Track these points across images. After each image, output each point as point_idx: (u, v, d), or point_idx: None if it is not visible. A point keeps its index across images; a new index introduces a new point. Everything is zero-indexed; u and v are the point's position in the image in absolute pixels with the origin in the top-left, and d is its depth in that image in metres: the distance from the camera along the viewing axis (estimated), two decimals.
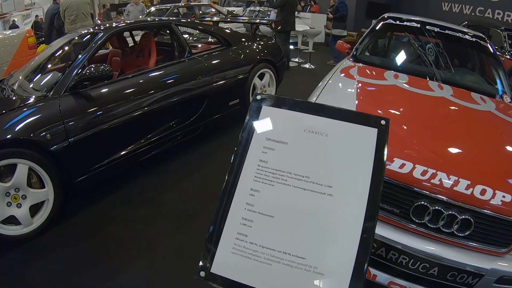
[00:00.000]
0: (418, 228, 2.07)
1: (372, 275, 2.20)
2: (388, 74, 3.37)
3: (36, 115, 2.80)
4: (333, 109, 1.17)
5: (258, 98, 1.18)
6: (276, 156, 1.07)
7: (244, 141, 1.10)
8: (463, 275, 2.03)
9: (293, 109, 1.15)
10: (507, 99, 3.34)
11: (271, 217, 1.01)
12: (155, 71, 3.84)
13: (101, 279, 2.52)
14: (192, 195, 3.53)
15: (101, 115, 3.15)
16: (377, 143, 1.07)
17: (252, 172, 1.05)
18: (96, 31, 3.69)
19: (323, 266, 0.96)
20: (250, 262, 0.98)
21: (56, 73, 3.37)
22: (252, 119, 1.14)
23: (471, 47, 3.98)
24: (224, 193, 1.05)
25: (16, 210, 2.72)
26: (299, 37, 9.87)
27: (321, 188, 1.02)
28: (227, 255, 1.00)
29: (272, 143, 1.10)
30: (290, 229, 1.00)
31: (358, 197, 1.00)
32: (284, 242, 0.99)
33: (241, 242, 1.00)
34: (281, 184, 1.03)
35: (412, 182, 2.05)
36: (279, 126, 1.13)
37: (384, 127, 1.08)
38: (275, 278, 0.96)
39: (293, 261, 0.97)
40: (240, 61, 4.73)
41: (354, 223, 0.98)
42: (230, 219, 1.03)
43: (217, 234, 1.02)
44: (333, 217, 1.00)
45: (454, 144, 2.42)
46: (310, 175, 1.03)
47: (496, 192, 2.01)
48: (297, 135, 1.11)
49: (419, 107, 2.89)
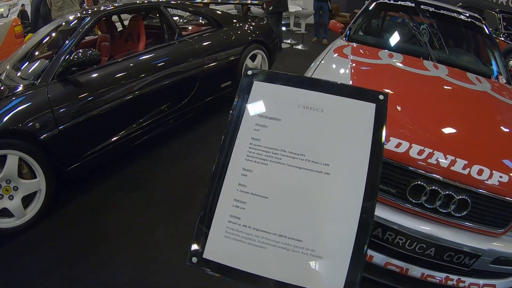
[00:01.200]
0: (415, 208, 2.07)
1: (369, 256, 2.20)
2: (383, 53, 3.34)
3: (24, 104, 2.74)
4: (329, 84, 1.12)
5: (249, 74, 1.13)
6: (269, 133, 1.03)
7: (234, 119, 1.06)
8: (460, 256, 2.05)
9: (286, 84, 1.10)
10: (502, 80, 3.33)
11: (265, 198, 0.97)
12: (145, 55, 3.78)
13: (95, 268, 2.51)
14: (184, 180, 3.51)
15: (91, 101, 3.09)
16: (376, 118, 1.03)
17: (244, 151, 1.01)
18: (83, 16, 3.60)
19: (321, 248, 0.93)
20: (244, 246, 0.95)
21: (44, 60, 3.30)
22: (242, 95, 1.10)
23: (466, 28, 3.96)
24: (215, 174, 1.01)
25: (9, 202, 2.69)
26: (291, 18, 9.75)
27: (318, 166, 0.98)
28: (220, 239, 0.97)
29: (264, 120, 1.05)
30: (285, 210, 0.96)
31: (356, 176, 0.96)
32: (279, 224, 0.95)
33: (234, 225, 0.96)
34: (275, 163, 0.99)
35: (408, 161, 2.03)
36: (271, 102, 1.08)
37: (383, 102, 1.05)
38: (271, 262, 0.93)
39: (289, 244, 0.94)
40: (232, 43, 4.66)
41: (352, 203, 0.95)
42: (222, 201, 0.99)
43: (208, 218, 0.98)
44: (331, 197, 0.96)
45: (451, 123, 2.40)
46: (305, 152, 0.99)
47: (493, 172, 2.01)
48: (291, 111, 1.06)
49: (415, 87, 2.87)
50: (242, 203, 0.97)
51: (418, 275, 2.16)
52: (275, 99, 1.08)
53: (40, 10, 8.16)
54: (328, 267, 0.91)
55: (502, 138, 2.39)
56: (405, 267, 2.16)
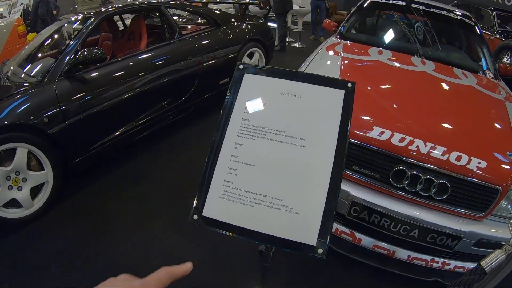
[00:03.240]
0: (398, 192, 2.21)
1: (357, 238, 2.34)
2: (372, 51, 3.47)
3: (33, 100, 2.87)
4: (306, 75, 1.35)
5: (240, 68, 1.36)
6: (257, 115, 1.23)
7: (229, 103, 1.27)
8: (442, 237, 2.17)
9: (271, 76, 1.31)
10: (489, 75, 3.44)
11: (253, 166, 1.17)
12: (146, 53, 3.90)
13: (102, 251, 2.65)
14: (185, 171, 3.64)
15: (96, 97, 3.23)
16: (344, 102, 1.22)
17: (236, 128, 1.22)
18: (87, 17, 3.74)
19: (298, 206, 1.11)
20: (236, 204, 1.14)
21: (49, 59, 3.45)
22: (235, 85, 1.31)
23: (456, 25, 4.07)
24: (212, 148, 1.22)
25: (17, 193, 2.81)
26: (289, 17, 9.88)
27: (295, 140, 1.18)
28: (216, 200, 1.16)
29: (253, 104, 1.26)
30: (269, 176, 1.16)
31: (327, 148, 1.16)
32: (264, 187, 1.14)
33: (228, 188, 1.16)
34: (261, 138, 1.19)
35: (390, 148, 2.17)
36: (258, 90, 1.30)
37: (350, 89, 1.24)
38: (258, 217, 1.12)
39: (272, 203, 1.12)
40: (230, 41, 4.80)
41: (324, 169, 1.14)
42: (218, 169, 1.18)
43: (207, 182, 1.17)
44: (306, 165, 1.15)
45: (432, 114, 2.53)
46: (285, 130, 1.19)
47: (471, 158, 2.12)
48: (274, 97, 1.27)
49: (400, 81, 3.01)
50: (234, 170, 1.17)
51: (405, 257, 2.29)
52: (261, 88, 1.30)
53: (38, 10, 8.29)
54: (303, 222, 1.09)
55: (482, 128, 2.51)
56: (392, 249, 2.29)
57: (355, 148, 2.25)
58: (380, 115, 2.42)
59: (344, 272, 2.57)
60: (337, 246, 2.46)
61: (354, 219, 2.31)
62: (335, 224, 2.39)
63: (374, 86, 2.84)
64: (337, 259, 2.55)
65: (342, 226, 2.39)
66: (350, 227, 2.37)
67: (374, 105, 2.56)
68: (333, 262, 2.59)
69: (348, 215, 2.31)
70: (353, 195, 2.24)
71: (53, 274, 2.48)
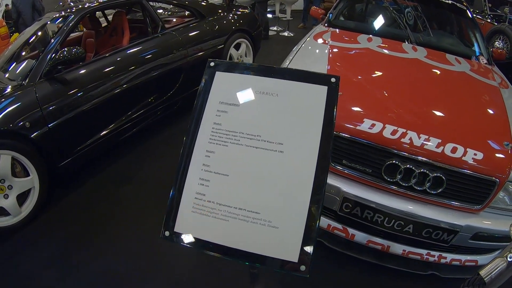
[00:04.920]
0: (391, 187, 2.14)
1: (351, 234, 2.28)
2: (362, 38, 3.39)
3: (14, 105, 2.78)
4: (284, 70, 1.23)
5: (211, 65, 1.25)
6: (229, 118, 1.13)
7: (199, 106, 1.17)
8: (438, 232, 2.11)
9: (244, 73, 1.20)
10: (483, 61, 3.37)
11: (226, 175, 1.08)
12: (129, 49, 3.80)
13: (92, 257, 2.59)
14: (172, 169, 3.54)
15: (79, 98, 3.14)
16: (327, 100, 1.10)
17: (207, 134, 1.12)
18: (67, 14, 3.62)
19: (277, 219, 1.02)
20: (209, 219, 1.05)
21: (30, 60, 3.34)
22: (206, 85, 1.21)
23: (448, 10, 3.99)
24: (182, 156, 1.13)
25: (4, 201, 2.74)
26: (277, 5, 9.73)
27: (272, 145, 1.07)
28: (188, 214, 1.07)
29: (225, 106, 1.15)
30: (244, 186, 1.06)
31: (308, 152, 1.05)
32: (239, 199, 1.05)
33: (200, 201, 1.07)
34: (234, 144, 1.09)
35: (382, 141, 2.10)
36: (231, 89, 1.19)
37: (334, 85, 1.12)
38: (233, 232, 1.03)
39: (248, 216, 1.04)
40: (215, 33, 4.70)
41: (305, 177, 1.03)
42: (189, 180, 1.10)
43: (177, 195, 1.09)
44: (285, 172, 1.05)
45: (425, 104, 2.45)
46: (261, 134, 1.09)
47: (467, 150, 2.06)
48: (248, 97, 1.16)
49: (391, 69, 2.92)
50: (206, 181, 1.07)
51: (400, 252, 2.24)
52: (234, 87, 1.19)
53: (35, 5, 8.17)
54: (284, 236, 1.00)
55: (477, 117, 2.44)
56: (386, 244, 2.24)
57: (345, 142, 2.18)
58: (370, 106, 2.34)
59: (339, 269, 2.51)
60: (331, 242, 2.39)
61: (346, 215, 2.25)
62: (327, 220, 2.32)
63: (364, 75, 2.76)
64: (331, 256, 2.48)
65: (334, 222, 2.32)
66: (342, 223, 2.31)
67: (364, 96, 2.48)
68: (327, 259, 2.53)
69: (339, 211, 2.25)
70: (344, 190, 2.17)
71: (45, 282, 2.42)
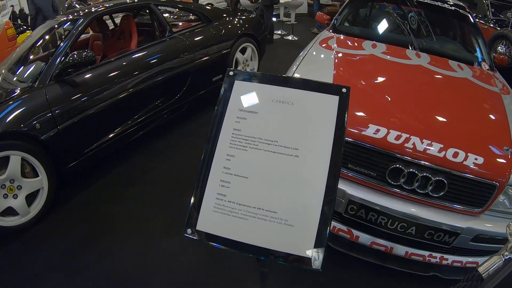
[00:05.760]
0: (394, 190, 2.19)
1: (355, 236, 2.33)
2: (366, 44, 3.44)
3: (24, 106, 2.82)
4: (298, 80, 1.30)
5: (230, 74, 1.31)
6: (248, 124, 1.20)
7: (219, 113, 1.23)
8: (440, 234, 2.16)
9: (262, 82, 1.27)
10: (485, 67, 3.41)
11: (246, 178, 1.14)
12: (137, 53, 3.85)
13: (99, 258, 2.62)
14: (178, 171, 3.62)
15: (87, 100, 3.19)
16: (339, 109, 1.18)
17: (228, 139, 1.18)
18: (76, 18, 3.68)
19: (293, 218, 1.09)
20: (229, 218, 1.12)
21: (39, 63, 3.39)
22: (226, 93, 1.27)
23: (451, 16, 4.04)
24: (204, 160, 1.19)
25: (13, 201, 2.78)
26: (281, 9, 9.79)
27: (288, 150, 1.14)
28: (210, 213, 1.14)
29: (244, 113, 1.22)
30: (262, 188, 1.13)
31: (321, 158, 1.12)
32: (257, 199, 1.12)
33: (221, 201, 1.13)
34: (253, 149, 1.16)
35: (386, 146, 2.15)
36: (249, 98, 1.25)
37: (345, 95, 1.19)
38: (252, 230, 1.10)
39: (266, 215, 1.10)
40: (221, 37, 4.74)
41: (318, 180, 1.11)
42: (211, 181, 1.16)
43: (199, 196, 1.15)
44: (300, 175, 1.12)
45: (428, 109, 2.50)
46: (278, 139, 1.16)
47: (468, 154, 2.11)
48: (266, 105, 1.23)
49: (395, 75, 2.97)
50: (227, 183, 1.14)
51: (402, 253, 2.28)
52: (252, 95, 1.25)
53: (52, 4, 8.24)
54: (299, 234, 1.07)
55: (478, 122, 2.49)
56: (390, 246, 2.29)
57: (351, 147, 2.23)
58: (375, 112, 2.40)
59: (344, 269, 2.56)
60: (335, 243, 2.44)
61: (351, 217, 2.30)
62: (332, 221, 2.35)
63: (368, 81, 2.81)
64: (336, 256, 2.53)
65: (339, 224, 2.38)
66: (347, 225, 2.36)
67: (369, 101, 2.54)
68: (332, 260, 2.57)
69: (345, 213, 2.30)
70: (349, 193, 2.22)
71: (52, 283, 2.45)
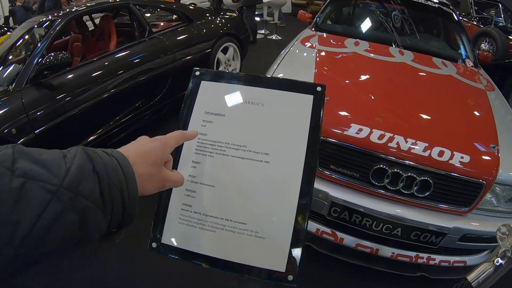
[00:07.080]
0: (378, 191, 2.14)
1: (339, 238, 2.27)
2: (349, 42, 3.40)
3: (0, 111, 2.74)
4: (270, 79, 1.20)
5: (197, 74, 1.22)
6: (215, 128, 1.11)
7: (184, 116, 1.15)
8: (426, 235, 2.12)
9: (230, 82, 1.18)
10: (469, 63, 3.40)
11: (212, 186, 1.05)
12: (116, 54, 3.77)
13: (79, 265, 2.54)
14: None
15: (65, 103, 3.10)
16: (313, 109, 1.09)
17: (193, 145, 1.09)
18: (54, 18, 3.58)
19: (264, 230, 1.01)
20: (196, 230, 1.03)
21: (17, 65, 3.27)
22: (191, 95, 1.19)
23: (434, 14, 4.03)
24: None
25: None
26: (265, 8, 9.75)
27: (258, 156, 1.05)
28: (175, 225, 1.05)
29: (210, 116, 1.13)
30: (230, 197, 1.04)
31: (294, 163, 1.04)
32: (225, 210, 1.03)
33: (186, 212, 1.05)
34: (220, 155, 1.07)
35: (369, 146, 2.10)
36: (217, 99, 1.16)
37: (320, 94, 1.10)
38: (220, 243, 1.02)
39: (235, 227, 1.02)
40: (202, 37, 4.68)
41: (291, 187, 1.02)
42: (175, 191, 1.07)
43: (164, 207, 1.07)
44: (271, 183, 1.04)
45: (412, 108, 2.47)
46: (247, 144, 1.07)
47: (454, 153, 2.07)
48: (234, 107, 1.14)
49: (378, 73, 2.93)
50: (193, 192, 1.05)
51: (389, 254, 2.24)
52: (220, 97, 1.16)
53: (45, 4, 8.12)
54: (271, 247, 0.99)
55: (464, 120, 2.46)
56: (375, 247, 2.24)
57: (333, 147, 2.17)
58: (357, 111, 2.35)
59: (329, 272, 2.51)
60: (320, 246, 2.38)
61: (335, 220, 2.25)
62: (315, 224, 2.32)
63: (351, 80, 2.77)
64: (321, 259, 2.49)
65: (323, 226, 2.32)
66: (331, 227, 2.31)
67: (352, 100, 2.49)
68: (317, 263, 2.53)
69: (328, 215, 2.25)
70: (332, 195, 2.16)
71: None
